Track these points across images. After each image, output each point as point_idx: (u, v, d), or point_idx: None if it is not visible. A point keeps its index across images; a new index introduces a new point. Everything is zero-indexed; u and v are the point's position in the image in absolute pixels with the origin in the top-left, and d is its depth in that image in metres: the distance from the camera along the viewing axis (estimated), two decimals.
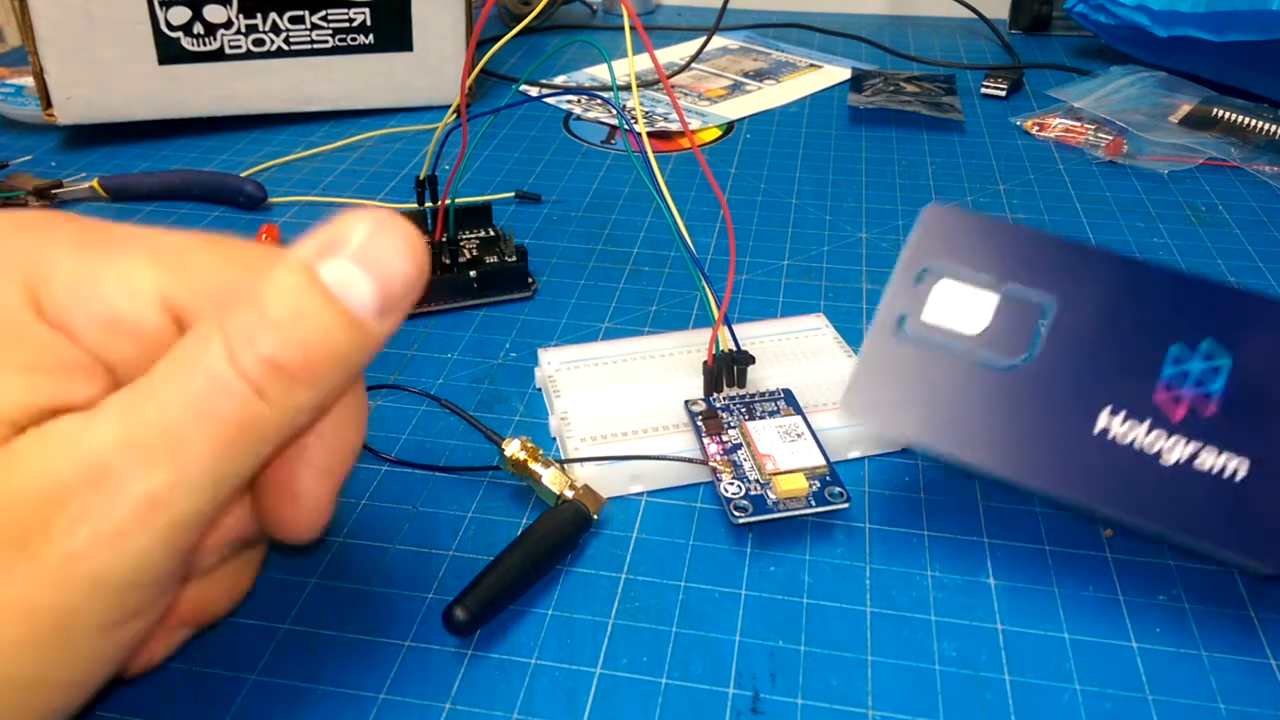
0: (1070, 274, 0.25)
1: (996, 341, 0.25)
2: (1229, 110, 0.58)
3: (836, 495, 0.30)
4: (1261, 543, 0.23)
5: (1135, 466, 0.24)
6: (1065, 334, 0.25)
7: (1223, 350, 0.24)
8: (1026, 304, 0.25)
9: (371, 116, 0.62)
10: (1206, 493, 0.24)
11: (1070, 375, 0.25)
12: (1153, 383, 0.24)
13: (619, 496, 0.31)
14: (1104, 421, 0.24)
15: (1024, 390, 0.25)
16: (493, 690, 0.25)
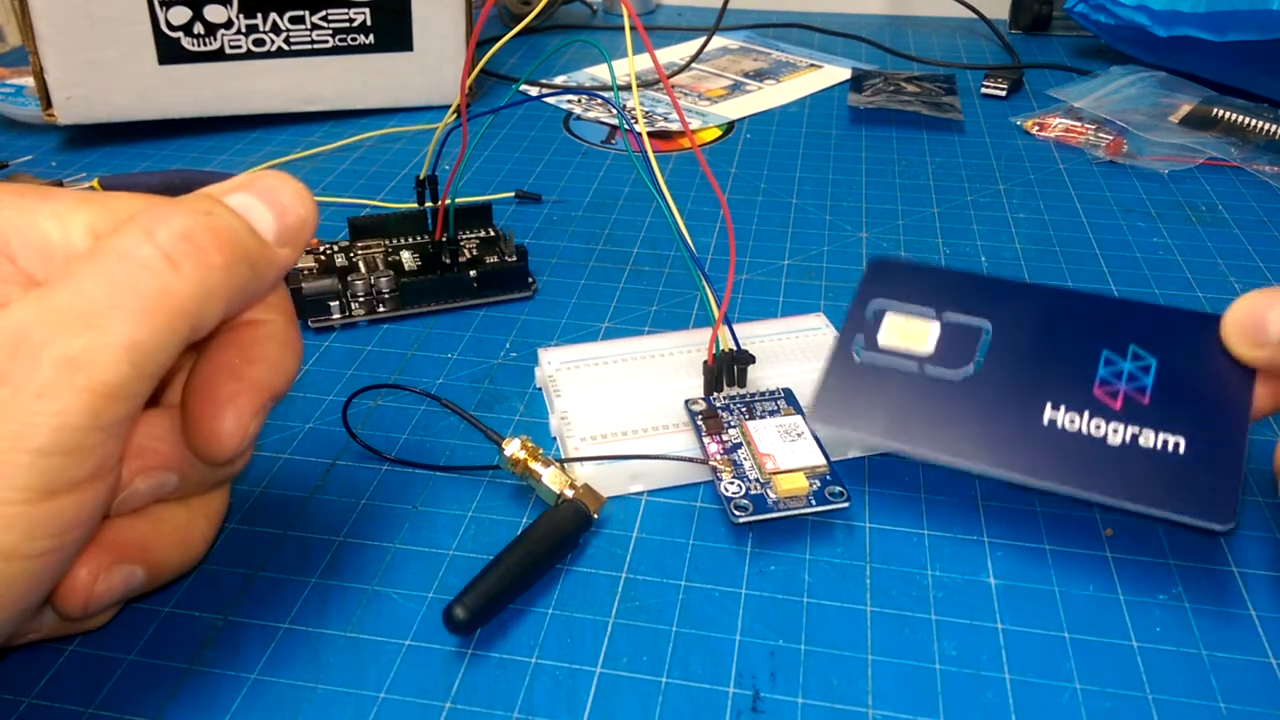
0: (1001, 304, 0.29)
1: (944, 359, 0.28)
2: (1229, 110, 0.58)
3: (837, 495, 0.30)
4: (1212, 504, 0.25)
5: (1084, 448, 0.27)
6: (1004, 350, 0.28)
7: (1146, 353, 0.28)
8: (966, 329, 0.29)
9: (371, 116, 0.62)
10: (1153, 466, 0.26)
11: (1014, 380, 0.28)
12: (1089, 382, 0.27)
13: (619, 496, 0.31)
14: (1049, 414, 0.27)
15: (973, 395, 0.28)
16: (493, 690, 0.25)
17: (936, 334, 0.29)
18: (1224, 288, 0.43)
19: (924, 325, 0.29)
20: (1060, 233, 0.48)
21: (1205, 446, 0.26)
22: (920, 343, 0.29)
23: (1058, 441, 0.27)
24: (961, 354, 0.28)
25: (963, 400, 0.28)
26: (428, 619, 0.27)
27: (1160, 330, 0.28)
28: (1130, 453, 0.26)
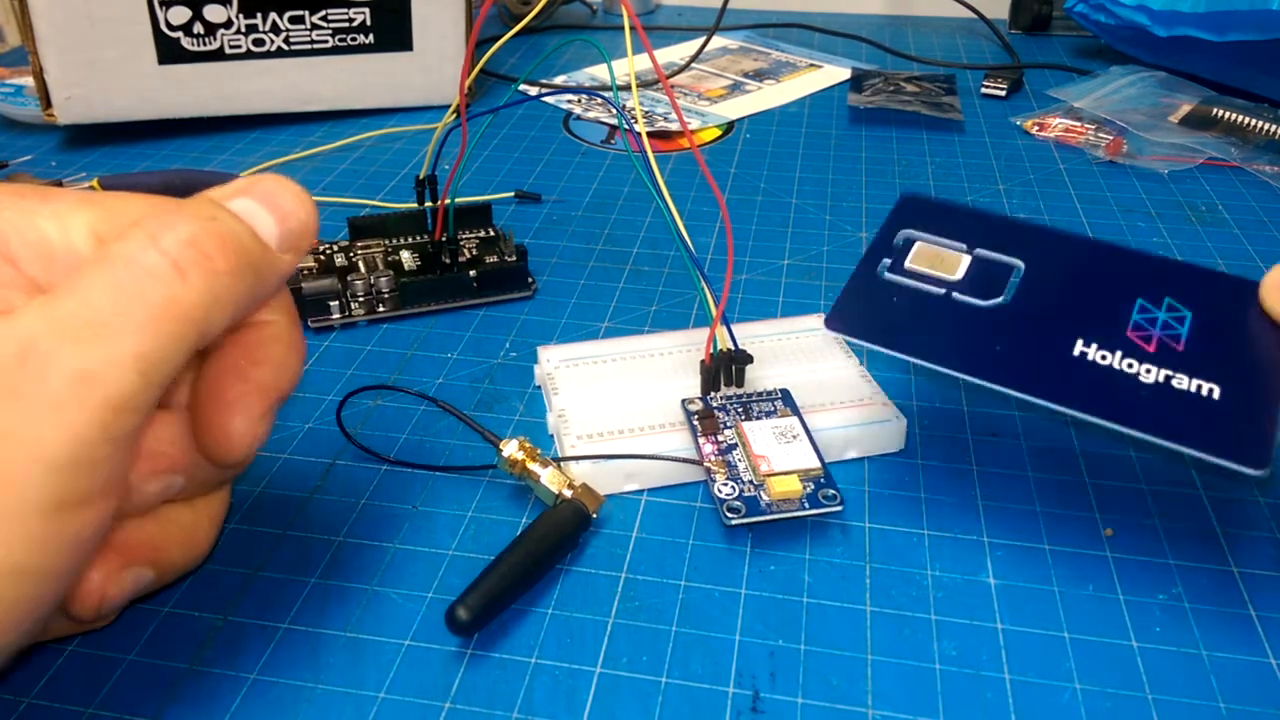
0: (1034, 247, 0.28)
1: (972, 287, 0.27)
2: (1229, 110, 0.58)
3: (830, 498, 0.30)
4: (1246, 448, 0.24)
5: (1116, 381, 0.26)
6: (1035, 287, 0.27)
7: (1182, 305, 0.27)
8: (997, 264, 0.28)
9: (371, 116, 0.62)
10: (1186, 406, 0.25)
11: (1044, 314, 0.27)
12: (1123, 324, 0.27)
13: (616, 495, 0.31)
14: (1080, 348, 0.27)
15: (1001, 322, 0.27)
16: (493, 690, 0.25)
17: (967, 265, 0.28)
18: None
19: (955, 256, 0.28)
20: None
21: (1240, 396, 0.25)
22: (950, 270, 0.28)
23: (1088, 372, 0.26)
24: (992, 286, 0.27)
25: (990, 325, 0.27)
26: (427, 619, 0.27)
27: (1197, 288, 0.27)
28: (1163, 391, 0.26)
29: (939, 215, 0.29)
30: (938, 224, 0.28)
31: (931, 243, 0.28)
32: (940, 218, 0.29)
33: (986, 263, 0.28)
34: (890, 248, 0.28)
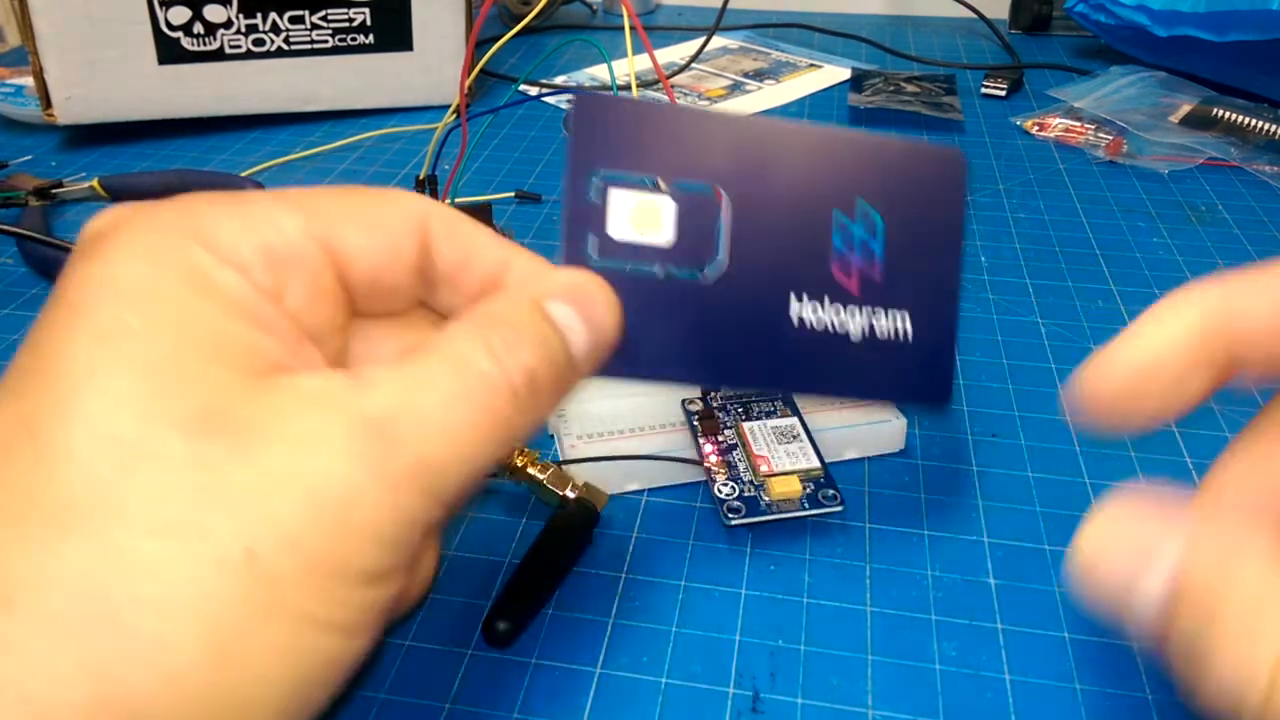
0: (728, 152, 0.25)
1: (687, 252, 0.25)
2: (1229, 110, 0.58)
3: (830, 498, 0.30)
4: (933, 385, 0.26)
5: (829, 348, 0.26)
6: (743, 226, 0.25)
7: (872, 208, 0.26)
8: (698, 202, 0.25)
9: (371, 116, 0.62)
10: (886, 357, 0.26)
11: (760, 271, 0.25)
12: (827, 259, 0.26)
13: (616, 495, 0.31)
14: (795, 310, 0.25)
15: (723, 299, 0.25)
16: (493, 690, 0.25)
17: (672, 214, 0.25)
18: None
19: (656, 203, 0.25)
20: (1060, 233, 0.48)
21: (927, 319, 0.26)
22: (657, 228, 0.25)
23: (806, 345, 0.26)
24: (702, 242, 0.25)
25: (713, 306, 0.25)
26: (427, 619, 0.27)
27: (879, 176, 0.26)
28: (869, 346, 0.26)
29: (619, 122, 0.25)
30: (624, 142, 0.25)
31: (628, 186, 0.24)
32: (624, 128, 0.25)
33: (690, 204, 0.25)
34: (586, 204, 0.24)
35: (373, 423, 0.18)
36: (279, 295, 0.20)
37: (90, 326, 0.18)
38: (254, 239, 0.20)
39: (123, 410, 0.17)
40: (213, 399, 0.17)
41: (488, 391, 0.19)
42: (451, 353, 0.20)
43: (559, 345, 0.21)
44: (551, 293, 0.22)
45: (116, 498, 0.16)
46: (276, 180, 0.53)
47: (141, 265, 0.18)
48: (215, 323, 0.18)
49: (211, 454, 0.17)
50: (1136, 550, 0.17)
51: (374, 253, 0.21)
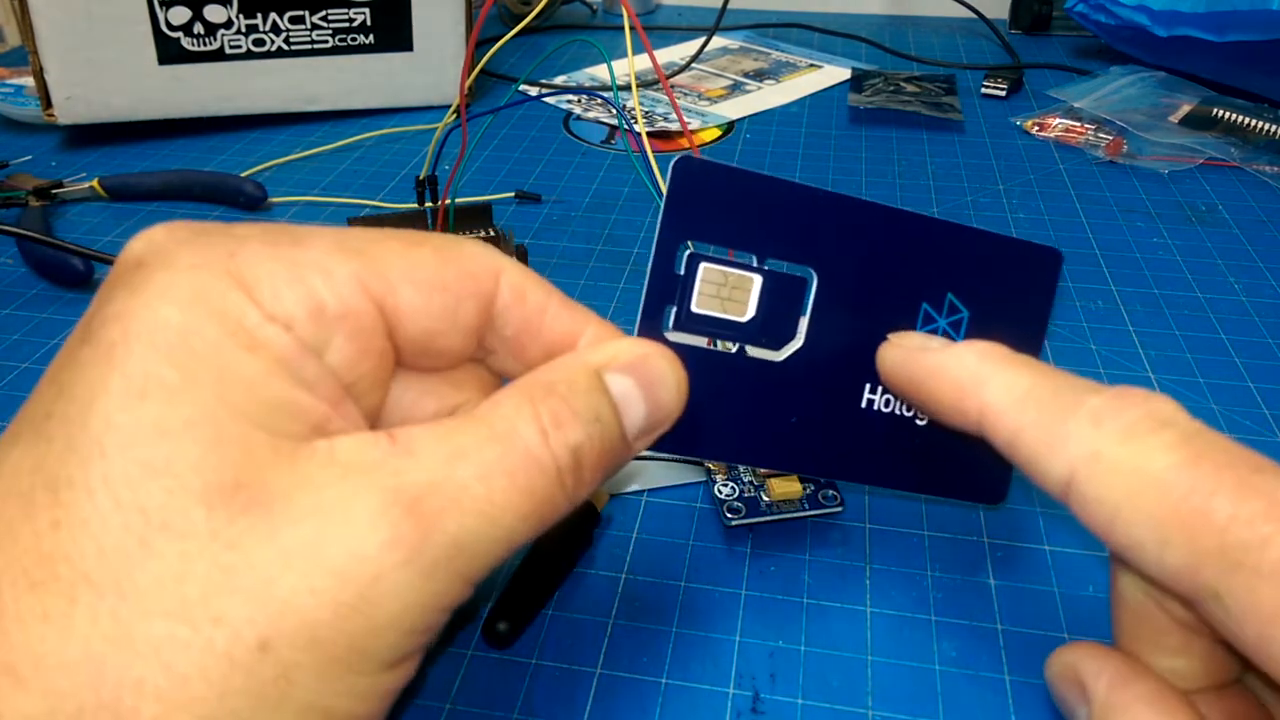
0: (824, 235, 0.25)
1: (765, 329, 0.25)
2: (1229, 110, 0.58)
3: (830, 499, 0.30)
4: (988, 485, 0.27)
5: (896, 436, 0.26)
6: (828, 309, 0.25)
7: (960, 304, 0.26)
8: (788, 282, 0.25)
9: (371, 116, 0.62)
10: (948, 450, 0.26)
11: (837, 354, 0.25)
12: None
13: (616, 495, 0.31)
14: (867, 396, 0.25)
15: (795, 379, 0.25)
16: (493, 690, 0.25)
17: (758, 292, 0.24)
18: (1224, 288, 0.43)
19: (744, 280, 0.24)
20: (1060, 233, 0.48)
21: None
22: (740, 307, 0.24)
23: (871, 431, 0.25)
24: (785, 320, 0.25)
25: (786, 388, 0.25)
26: None
27: (975, 274, 0.26)
28: (932, 438, 0.26)
29: (720, 194, 0.24)
30: (720, 212, 0.24)
31: (717, 263, 0.24)
32: (722, 199, 0.24)
33: (778, 283, 0.24)
34: (672, 279, 0.24)
35: (408, 499, 0.17)
36: (322, 350, 0.19)
37: (123, 378, 0.17)
38: (301, 289, 0.18)
39: (150, 480, 0.16)
40: (244, 468, 0.17)
41: (531, 469, 0.19)
42: (498, 423, 0.19)
43: (612, 421, 0.20)
44: (614, 363, 0.21)
45: (133, 574, 0.16)
46: (276, 180, 0.54)
47: (182, 311, 0.17)
48: (255, 381, 0.17)
49: (236, 531, 0.16)
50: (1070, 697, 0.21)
51: (429, 315, 0.20)
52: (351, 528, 0.17)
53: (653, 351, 0.22)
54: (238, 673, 0.16)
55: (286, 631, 0.16)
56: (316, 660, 0.16)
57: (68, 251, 0.42)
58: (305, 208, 0.51)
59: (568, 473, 0.19)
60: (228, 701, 0.16)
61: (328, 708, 0.17)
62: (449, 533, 0.17)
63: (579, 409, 0.19)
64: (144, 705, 0.15)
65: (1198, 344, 0.39)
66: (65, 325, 0.41)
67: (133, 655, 0.15)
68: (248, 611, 0.16)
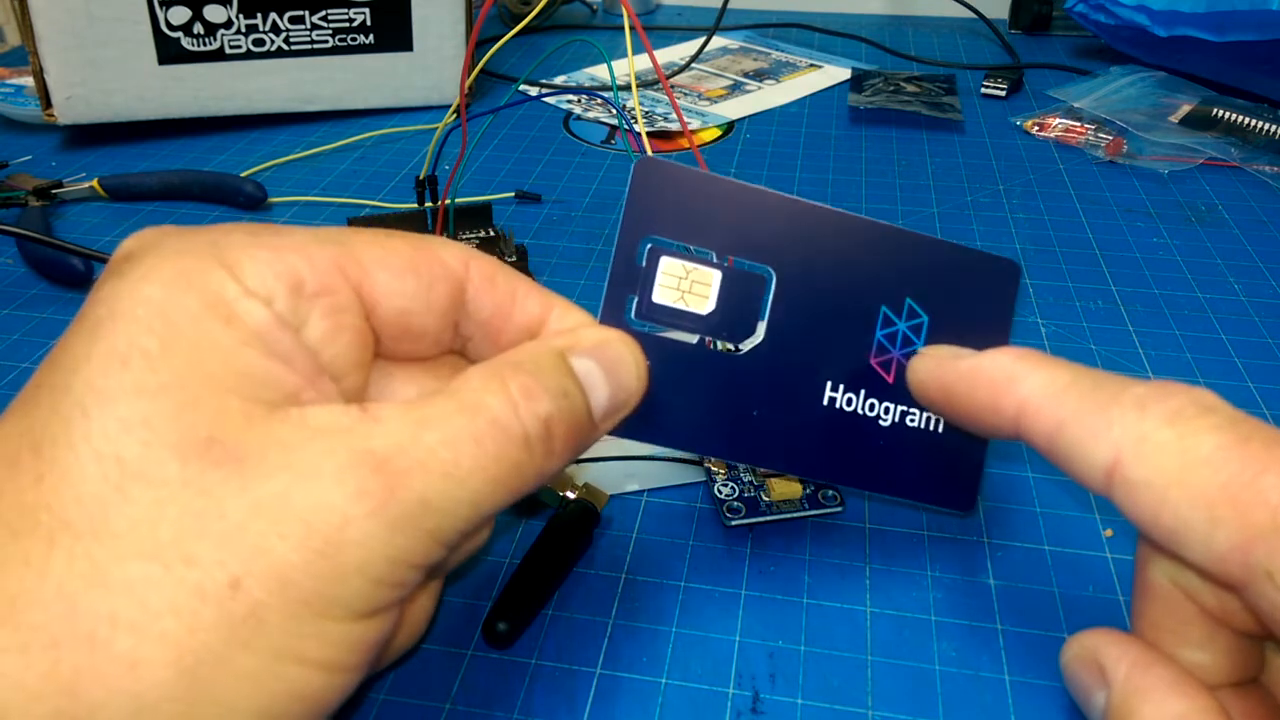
0: (784, 236, 0.25)
1: (726, 323, 0.25)
2: (1229, 110, 0.58)
3: (830, 498, 0.30)
4: (957, 492, 0.27)
5: (858, 434, 0.26)
6: (787, 307, 0.26)
7: (919, 308, 0.26)
8: (748, 279, 0.25)
9: (371, 116, 0.62)
10: (912, 450, 0.26)
11: (797, 350, 0.26)
12: (867, 350, 0.26)
13: (616, 495, 0.31)
14: (829, 394, 0.26)
15: (755, 374, 0.25)
16: (493, 690, 0.25)
17: (718, 286, 0.25)
18: (1224, 288, 0.43)
19: (705, 274, 0.25)
20: (1060, 233, 0.48)
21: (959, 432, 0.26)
22: (701, 300, 0.25)
23: (834, 428, 0.26)
24: (744, 315, 0.25)
25: (746, 381, 0.25)
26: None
27: (930, 279, 0.26)
28: (896, 435, 0.26)
29: (681, 192, 0.25)
30: (681, 209, 0.25)
31: (678, 256, 0.25)
32: (683, 197, 0.25)
33: (737, 280, 0.25)
34: (633, 268, 0.24)
35: (376, 458, 0.18)
36: (300, 326, 0.20)
37: (106, 347, 0.18)
38: (280, 267, 0.19)
39: (127, 434, 0.17)
40: (218, 427, 0.17)
41: (499, 436, 0.19)
42: (466, 394, 0.20)
43: (578, 398, 0.21)
44: (578, 347, 0.22)
45: (109, 519, 0.17)
46: (276, 180, 0.53)
47: (164, 289, 0.18)
48: (231, 351, 0.18)
49: (208, 481, 0.17)
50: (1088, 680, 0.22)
51: (403, 296, 0.21)
52: (319, 482, 0.17)
53: (614, 336, 0.23)
54: (208, 609, 0.16)
55: (256, 572, 0.17)
56: (286, 601, 0.17)
57: (67, 251, 0.42)
58: (305, 208, 0.51)
59: (538, 441, 0.20)
60: (199, 636, 0.16)
61: (299, 650, 0.17)
62: (415, 490, 0.18)
63: (547, 384, 0.20)
64: (117, 637, 0.16)
65: (1198, 344, 0.39)
66: (65, 325, 0.41)
67: (107, 592, 0.16)
68: (219, 553, 0.17)
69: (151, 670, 0.16)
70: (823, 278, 0.26)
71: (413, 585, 0.19)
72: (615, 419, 0.23)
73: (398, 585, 0.19)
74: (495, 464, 0.19)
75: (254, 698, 0.17)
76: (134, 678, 0.16)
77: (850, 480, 0.26)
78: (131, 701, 0.16)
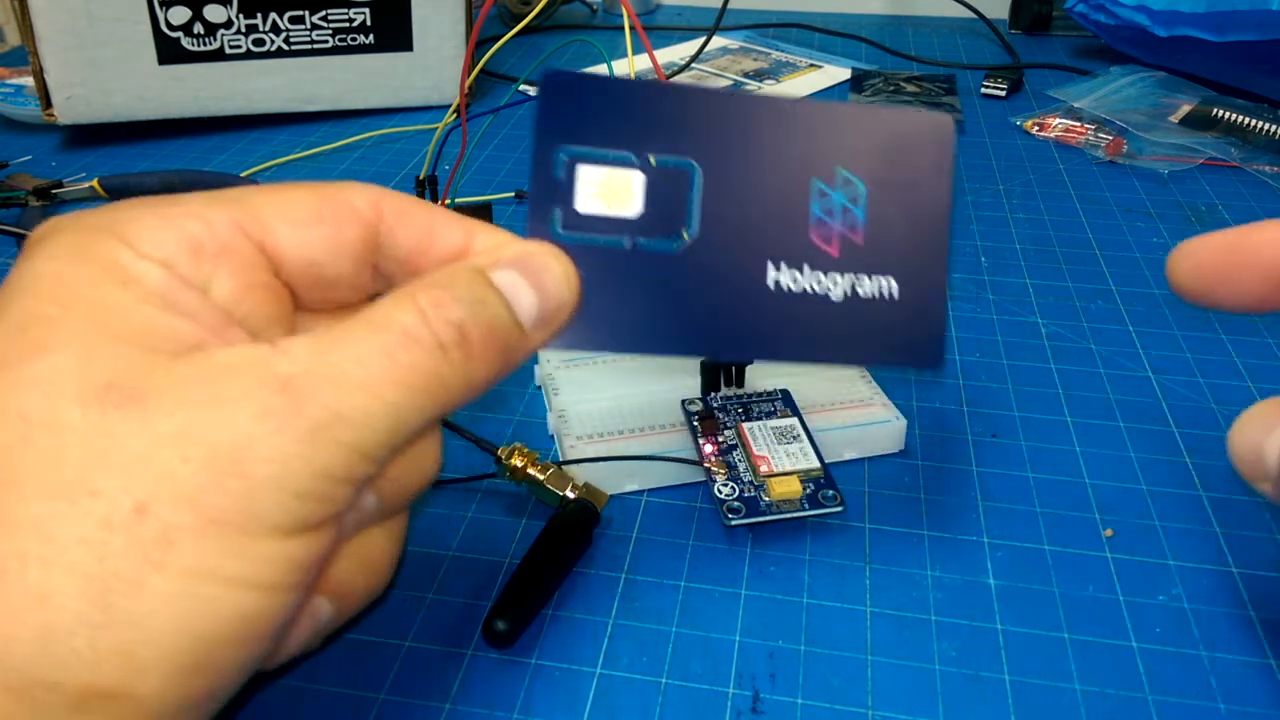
0: (701, 127, 0.25)
1: (655, 223, 0.25)
2: (1229, 110, 0.58)
3: (830, 499, 0.30)
4: (924, 348, 0.26)
5: (810, 310, 0.25)
6: (717, 197, 0.25)
7: (855, 177, 0.26)
8: (672, 174, 0.25)
9: (371, 116, 0.62)
10: (871, 318, 0.26)
11: (732, 240, 0.25)
12: (805, 227, 0.25)
13: (616, 495, 0.31)
14: (773, 277, 0.25)
15: (693, 269, 0.25)
16: (493, 690, 0.25)
17: (642, 187, 0.25)
18: None
19: (626, 177, 0.24)
20: (1060, 233, 0.48)
21: (914, 283, 0.26)
22: (626, 202, 0.24)
23: (784, 309, 0.25)
24: (673, 212, 0.25)
25: (683, 276, 0.25)
26: (427, 620, 0.27)
27: (859, 142, 0.25)
28: (852, 308, 0.26)
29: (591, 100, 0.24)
30: (594, 117, 0.24)
31: (596, 161, 0.24)
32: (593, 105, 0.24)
33: (661, 177, 0.25)
34: (552, 181, 0.24)
35: (281, 380, 0.18)
36: (205, 285, 0.20)
37: (10, 321, 0.18)
38: (176, 233, 0.20)
39: (29, 390, 0.17)
40: (117, 373, 0.18)
41: (409, 346, 0.19)
42: (374, 314, 0.20)
43: (498, 306, 0.21)
44: (499, 263, 0.22)
45: (14, 468, 0.17)
46: (276, 180, 0.53)
47: (62, 263, 0.19)
48: (129, 309, 0.19)
49: (109, 421, 0.17)
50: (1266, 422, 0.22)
51: (309, 247, 0.21)
52: (222, 408, 0.18)
53: (536, 248, 0.23)
54: (116, 536, 0.17)
55: (163, 497, 0.17)
56: (196, 520, 0.17)
57: None
58: None
59: (453, 347, 0.20)
60: (109, 564, 0.17)
61: (217, 569, 0.17)
62: (325, 404, 0.18)
63: (459, 293, 0.20)
64: (27, 572, 0.16)
65: (1197, 344, 0.39)
66: None
67: (13, 532, 0.17)
68: (123, 483, 0.17)
69: (62, 600, 0.16)
70: (749, 163, 0.25)
71: (343, 501, 0.19)
72: (550, 328, 0.23)
73: (323, 499, 0.19)
74: (409, 373, 0.19)
75: (173, 617, 0.17)
76: (45, 609, 0.16)
77: (810, 356, 0.26)
78: (44, 631, 0.16)
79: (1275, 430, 0.22)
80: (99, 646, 0.17)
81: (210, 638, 0.18)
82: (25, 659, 0.16)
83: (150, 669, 0.17)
